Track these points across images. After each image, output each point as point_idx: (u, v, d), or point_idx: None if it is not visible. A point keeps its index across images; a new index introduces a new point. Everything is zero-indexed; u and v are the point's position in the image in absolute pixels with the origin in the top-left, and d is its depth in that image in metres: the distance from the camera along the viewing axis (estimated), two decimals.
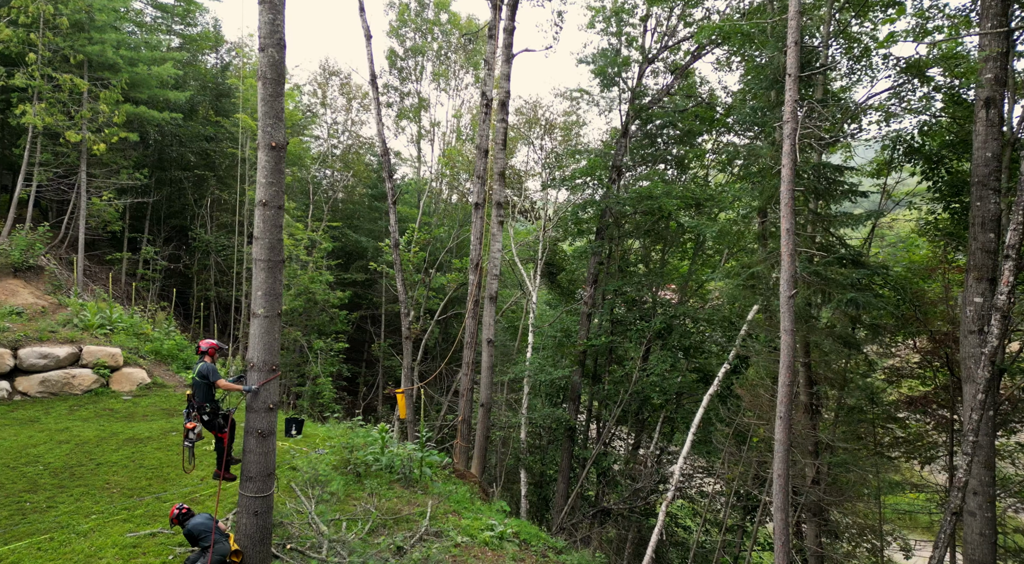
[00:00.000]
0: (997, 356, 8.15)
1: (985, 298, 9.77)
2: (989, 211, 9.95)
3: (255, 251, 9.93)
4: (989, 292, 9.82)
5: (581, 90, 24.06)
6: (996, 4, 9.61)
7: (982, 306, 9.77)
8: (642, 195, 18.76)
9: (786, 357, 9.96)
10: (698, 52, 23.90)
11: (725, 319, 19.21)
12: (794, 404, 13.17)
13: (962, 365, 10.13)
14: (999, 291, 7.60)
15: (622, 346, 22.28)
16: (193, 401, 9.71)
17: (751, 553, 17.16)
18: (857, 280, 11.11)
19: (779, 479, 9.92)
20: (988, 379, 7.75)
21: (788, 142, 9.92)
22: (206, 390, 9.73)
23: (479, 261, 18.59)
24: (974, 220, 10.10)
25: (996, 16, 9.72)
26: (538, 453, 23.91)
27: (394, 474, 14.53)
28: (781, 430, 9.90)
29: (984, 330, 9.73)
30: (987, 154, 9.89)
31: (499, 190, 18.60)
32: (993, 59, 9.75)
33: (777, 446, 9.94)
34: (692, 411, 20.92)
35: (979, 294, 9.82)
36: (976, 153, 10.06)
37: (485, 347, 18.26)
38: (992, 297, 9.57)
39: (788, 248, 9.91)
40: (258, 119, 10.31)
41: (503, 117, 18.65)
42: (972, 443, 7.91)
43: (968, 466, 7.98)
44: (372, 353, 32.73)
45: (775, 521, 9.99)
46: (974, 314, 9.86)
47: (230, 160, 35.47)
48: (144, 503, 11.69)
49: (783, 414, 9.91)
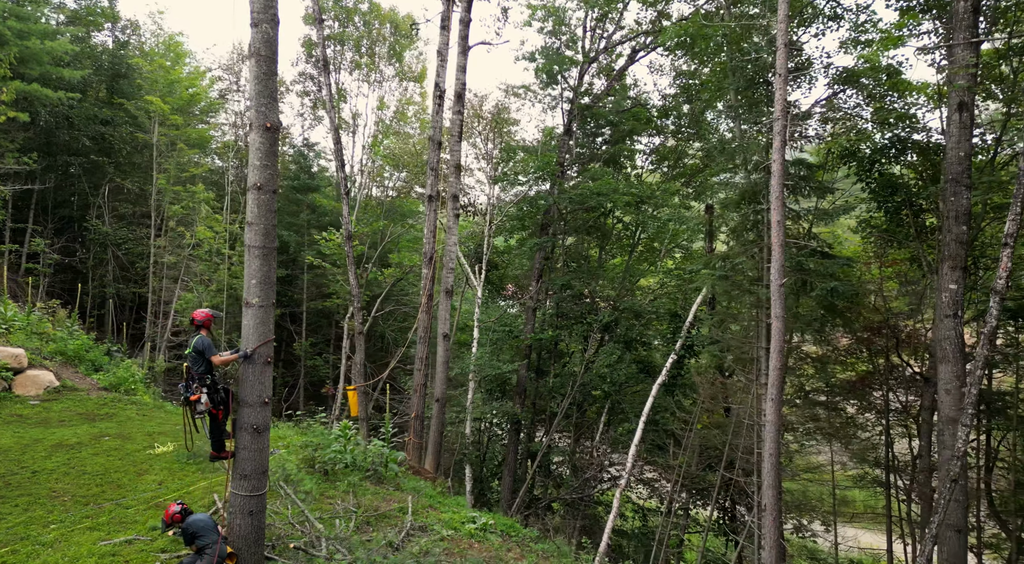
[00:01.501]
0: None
1: (959, 285, 10.83)
2: (962, 205, 11.02)
3: (249, 238, 9.42)
4: (962, 280, 10.88)
5: (524, 87, 24.26)
6: (968, 17, 10.66)
7: (956, 292, 10.82)
8: (593, 191, 19.16)
9: (777, 342, 10.54)
10: (633, 55, 24.73)
11: (670, 312, 19.98)
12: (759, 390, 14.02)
13: (937, 347, 11.16)
14: (998, 276, 8.47)
15: (567, 340, 22.66)
16: (192, 373, 9.08)
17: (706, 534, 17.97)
18: (834, 271, 11.97)
19: (771, 458, 10.48)
20: (986, 356, 8.60)
21: (778, 139, 10.50)
22: (204, 363, 9.16)
23: (433, 254, 18.31)
24: (948, 214, 11.16)
25: (968, 28, 10.80)
26: (483, 448, 23.87)
27: (362, 472, 14.20)
28: (772, 412, 10.46)
29: (958, 315, 10.79)
30: (960, 153, 10.95)
31: (455, 183, 18.41)
32: (965, 67, 10.81)
33: (768, 427, 10.50)
34: (635, 402, 21.64)
35: (953, 281, 10.87)
36: (950, 153, 11.12)
37: (441, 341, 18.04)
38: (959, 286, 10.64)
39: (778, 239, 10.50)
40: (251, 98, 9.75)
41: (459, 109, 18.48)
42: (971, 415, 8.75)
43: (966, 436, 8.81)
44: (293, 352, 31.40)
45: (767, 498, 10.54)
46: (949, 300, 10.89)
47: (131, 146, 32.85)
48: (106, 510, 10.75)
49: (774, 396, 10.48)
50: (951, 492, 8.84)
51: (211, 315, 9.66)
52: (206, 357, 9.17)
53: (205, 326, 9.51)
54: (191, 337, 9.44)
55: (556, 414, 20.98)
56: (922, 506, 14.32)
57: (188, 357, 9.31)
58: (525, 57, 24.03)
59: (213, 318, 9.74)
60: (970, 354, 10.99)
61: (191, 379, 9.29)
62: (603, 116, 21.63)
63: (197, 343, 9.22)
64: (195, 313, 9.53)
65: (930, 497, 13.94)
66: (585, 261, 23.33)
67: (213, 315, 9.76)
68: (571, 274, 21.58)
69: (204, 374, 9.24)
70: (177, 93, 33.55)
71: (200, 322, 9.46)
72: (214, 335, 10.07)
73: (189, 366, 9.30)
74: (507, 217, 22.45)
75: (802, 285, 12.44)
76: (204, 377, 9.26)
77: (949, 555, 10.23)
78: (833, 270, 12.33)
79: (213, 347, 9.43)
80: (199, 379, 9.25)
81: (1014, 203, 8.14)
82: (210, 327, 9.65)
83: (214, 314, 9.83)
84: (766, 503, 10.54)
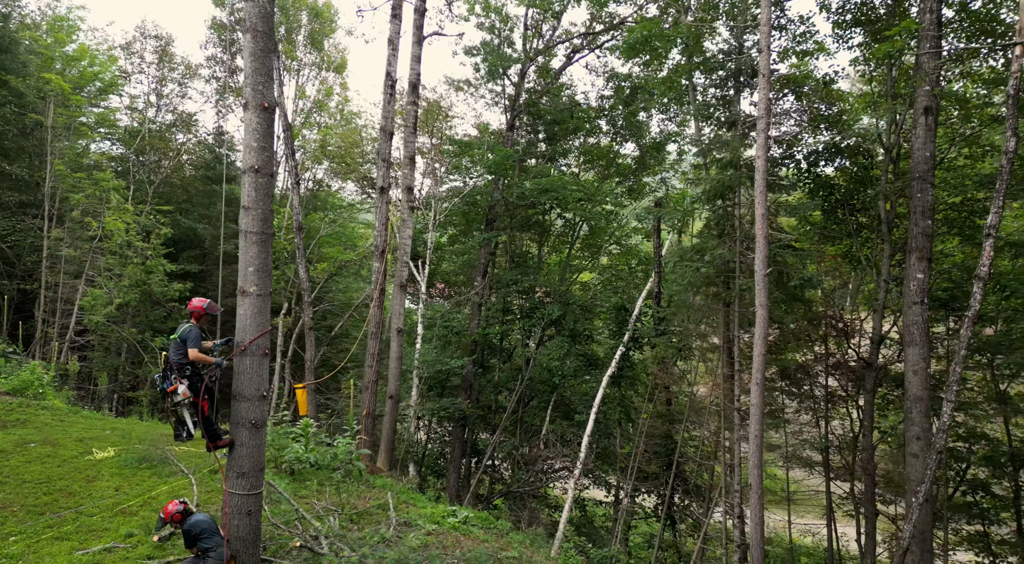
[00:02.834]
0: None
1: (925, 274, 11.85)
2: (927, 201, 12.05)
3: (245, 223, 8.94)
4: (928, 270, 11.92)
5: (467, 81, 24.14)
6: (933, 28, 11.69)
7: (923, 281, 11.83)
8: (544, 187, 19.36)
9: (760, 329, 11.14)
10: (571, 56, 25.24)
11: (616, 305, 20.52)
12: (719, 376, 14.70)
13: (905, 332, 12.15)
14: (981, 264, 9.34)
15: (513, 336, 22.74)
16: (171, 363, 8.43)
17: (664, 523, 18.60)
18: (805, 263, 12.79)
19: (756, 439, 11.06)
20: (969, 337, 9.48)
21: (762, 136, 11.11)
22: (185, 353, 8.54)
23: (384, 247, 17.84)
24: (915, 209, 12.17)
25: (932, 39, 11.84)
26: (423, 446, 23.50)
27: (330, 471, 13.73)
28: (756, 395, 11.04)
29: (924, 302, 11.81)
30: (926, 154, 11.98)
31: (409, 174, 18.04)
32: (931, 75, 11.84)
33: (753, 410, 11.07)
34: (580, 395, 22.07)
35: (920, 271, 11.88)
36: (916, 153, 12.14)
37: (395, 337, 17.61)
38: (926, 276, 11.67)
39: (762, 231, 11.10)
40: (246, 76, 9.26)
41: (414, 100, 18.14)
42: (955, 392, 9.61)
43: (951, 411, 9.66)
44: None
45: (752, 478, 11.11)
46: (916, 288, 11.89)
47: (17, 128, 29.74)
48: (68, 519, 9.85)
49: (758, 380, 11.06)
50: (936, 462, 9.70)
51: (203, 307, 8.99)
52: (187, 347, 8.57)
53: (195, 316, 8.87)
54: (179, 324, 8.78)
55: (504, 409, 21.04)
56: (865, 482, 15.57)
57: (171, 345, 8.64)
58: (466, 51, 23.97)
59: (205, 310, 9.07)
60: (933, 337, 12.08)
61: (169, 369, 8.62)
62: (548, 113, 21.90)
63: (183, 332, 8.59)
64: (191, 302, 8.92)
65: (872, 473, 15.17)
66: (525, 258, 23.53)
67: (205, 307, 9.10)
68: (517, 270, 21.70)
69: (184, 364, 8.61)
70: (75, 71, 30.76)
71: (189, 311, 8.82)
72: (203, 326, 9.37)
73: (168, 355, 8.63)
74: (452, 212, 22.23)
75: (778, 275, 13.23)
76: (183, 368, 8.62)
77: (919, 523, 11.20)
78: (805, 262, 13.21)
79: (198, 340, 8.80)
80: (178, 369, 8.60)
81: (996, 197, 9.08)
82: (200, 318, 8.98)
83: (206, 307, 9.17)
84: (751, 482, 11.10)
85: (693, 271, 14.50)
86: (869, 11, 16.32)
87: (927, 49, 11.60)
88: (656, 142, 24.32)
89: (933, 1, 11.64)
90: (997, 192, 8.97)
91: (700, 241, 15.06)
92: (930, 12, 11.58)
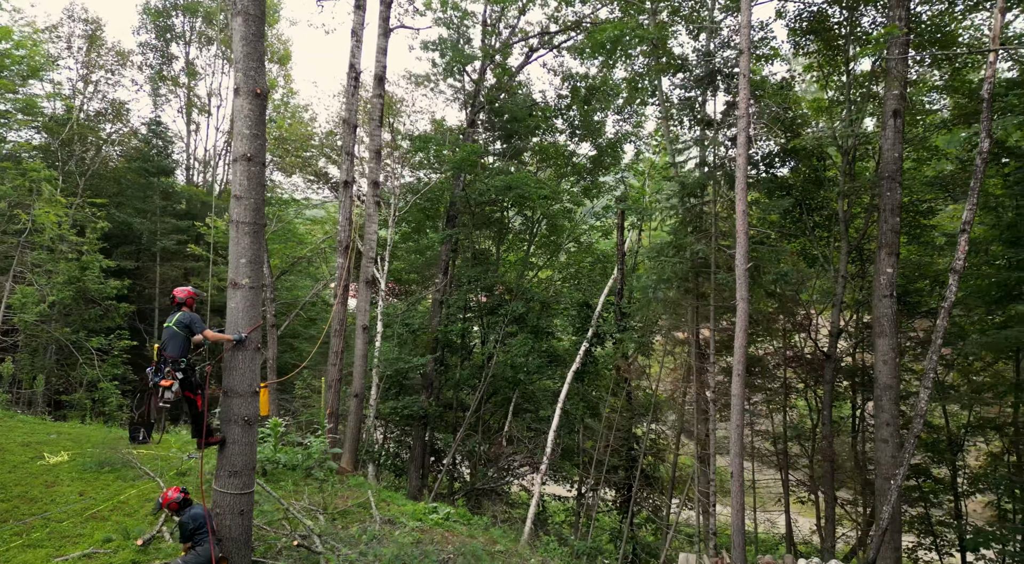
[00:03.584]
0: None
1: (894, 269, 12.45)
2: (896, 200, 12.67)
3: (237, 213, 8.66)
4: (896, 264, 12.53)
5: (426, 76, 23.84)
6: (902, 34, 12.29)
7: (891, 275, 12.43)
8: (510, 184, 19.35)
9: (741, 321, 11.50)
10: (530, 55, 25.33)
11: (579, 301, 20.72)
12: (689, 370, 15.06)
13: (875, 323, 12.73)
14: (956, 258, 9.90)
15: (474, 333, 22.59)
16: (165, 355, 8.00)
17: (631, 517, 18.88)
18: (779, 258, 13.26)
19: (737, 429, 11.41)
20: (945, 328, 10.03)
21: (743, 135, 11.45)
22: (183, 343, 8.18)
23: (349, 243, 17.48)
24: (884, 206, 12.77)
25: (901, 46, 12.47)
26: (386, 444, 23.07)
27: (302, 471, 13.36)
28: (738, 385, 11.39)
29: (893, 295, 12.41)
30: (895, 154, 12.60)
31: (376, 168, 17.70)
32: (899, 79, 12.48)
33: (734, 400, 11.42)
34: (542, 390, 22.19)
35: (890, 266, 12.47)
36: (885, 154, 12.74)
37: (360, 334, 17.25)
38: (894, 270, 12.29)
39: (743, 227, 11.45)
40: (237, 61, 8.99)
41: (380, 93, 17.78)
42: (932, 379, 10.16)
43: (927, 397, 10.20)
44: (145, 355, 28.09)
45: (733, 465, 11.45)
46: (886, 282, 12.48)
47: None
48: (35, 525, 9.26)
49: (739, 372, 11.42)
50: (913, 446, 10.24)
51: (194, 293, 8.65)
52: (194, 332, 8.21)
53: (187, 304, 8.49)
54: (172, 314, 8.34)
55: (465, 407, 20.92)
56: (824, 468, 16.29)
57: (165, 334, 8.25)
58: (423, 46, 23.68)
59: (196, 297, 8.72)
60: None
61: (163, 362, 8.21)
62: (509, 111, 21.91)
63: (182, 317, 8.27)
64: (176, 290, 8.55)
65: (832, 459, 15.89)
66: (486, 255, 23.46)
67: (196, 294, 8.74)
68: (479, 267, 21.61)
69: (179, 357, 8.22)
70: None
71: (182, 299, 8.44)
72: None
73: (161, 348, 8.21)
74: (412, 208, 21.91)
75: (754, 270, 13.66)
76: (178, 361, 8.23)
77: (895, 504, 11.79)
78: (779, 258, 13.72)
79: (202, 322, 8.43)
80: (173, 362, 8.21)
81: (971, 195, 9.67)
82: (192, 305, 8.61)
83: (197, 293, 8.81)
84: (733, 471, 11.45)
85: (671, 266, 14.84)
86: (823, 20, 17.10)
87: (896, 55, 12.26)
88: (612, 141, 24.71)
89: (901, 10, 12.32)
90: (972, 190, 9.59)
91: (676, 238, 15.42)
92: (899, 20, 12.24)
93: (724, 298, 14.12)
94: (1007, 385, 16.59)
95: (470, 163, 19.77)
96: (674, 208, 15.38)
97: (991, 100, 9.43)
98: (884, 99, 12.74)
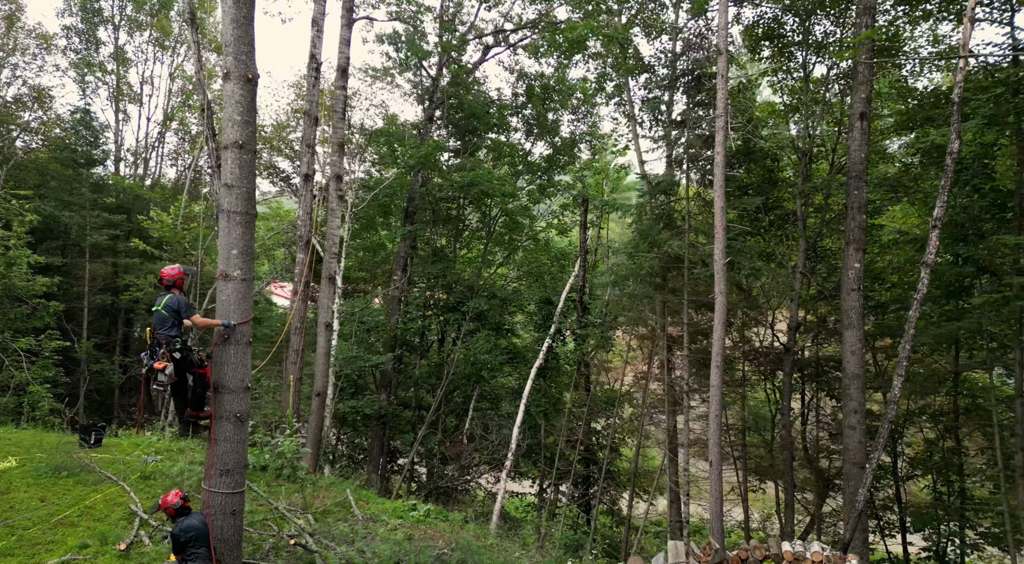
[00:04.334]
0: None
1: (861, 263, 13.06)
2: (862, 198, 13.28)
3: (228, 203, 8.32)
4: (863, 259, 13.14)
5: (384, 69, 23.41)
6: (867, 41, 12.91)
7: (859, 270, 13.02)
8: (473, 180, 19.24)
9: (720, 315, 11.84)
10: (486, 52, 25.28)
11: (542, 298, 20.80)
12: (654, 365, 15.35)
13: (844, 316, 13.30)
14: (928, 252, 10.46)
15: (433, 331, 22.34)
16: (159, 337, 7.57)
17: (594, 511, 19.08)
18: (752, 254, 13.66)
19: (715, 419, 11.74)
20: (916, 318, 10.59)
21: (721, 133, 11.81)
22: (176, 325, 7.82)
23: (309, 238, 17.00)
24: (852, 204, 13.36)
25: (868, 51, 13.09)
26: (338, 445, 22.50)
27: (273, 472, 12.91)
28: (716, 376, 11.73)
29: (860, 289, 13.01)
30: (861, 155, 13.21)
31: (339, 162, 17.30)
32: (865, 84, 13.10)
33: (713, 391, 11.75)
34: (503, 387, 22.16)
35: (857, 261, 13.06)
36: (853, 154, 13.34)
37: (322, 331, 16.83)
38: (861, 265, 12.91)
39: (721, 223, 11.81)
40: (227, 44, 8.62)
41: (343, 85, 17.37)
42: (905, 368, 10.70)
43: (900, 385, 10.74)
44: (74, 356, 26.43)
45: (712, 454, 11.78)
46: (854, 276, 13.06)
47: None
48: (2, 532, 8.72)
49: (718, 363, 11.76)
50: (886, 431, 10.78)
51: (183, 272, 8.21)
52: (182, 318, 7.81)
53: (177, 285, 8.07)
54: (159, 297, 7.92)
55: (425, 406, 20.70)
56: (784, 457, 16.95)
57: (155, 318, 7.88)
58: (378, 39, 23.27)
59: (185, 276, 8.28)
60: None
61: (157, 344, 7.79)
62: (470, 107, 21.81)
63: (170, 302, 7.85)
64: (163, 271, 8.10)
65: (791, 447, 16.56)
66: (443, 252, 23.27)
67: (185, 272, 8.30)
68: (440, 264, 21.40)
69: (173, 338, 7.83)
70: None
71: (171, 281, 8.01)
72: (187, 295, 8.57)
73: (154, 330, 7.84)
74: (370, 204, 21.43)
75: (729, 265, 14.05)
76: (172, 341, 7.85)
77: (854, 487, 12.37)
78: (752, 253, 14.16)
79: (191, 307, 8.02)
80: (167, 343, 7.81)
81: (942, 193, 10.28)
82: (182, 286, 8.20)
83: (187, 271, 8.37)
84: (712, 459, 11.76)
85: (649, 262, 15.12)
86: (778, 27, 17.81)
87: (863, 60, 12.91)
88: (567, 141, 24.96)
89: (867, 17, 13.00)
90: (943, 188, 10.21)
91: (650, 234, 15.70)
92: (865, 27, 12.91)
93: (699, 293, 14.52)
94: (942, 375, 17.73)
95: (433, 159, 19.57)
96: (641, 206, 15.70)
97: (961, 104, 10.10)
98: (852, 102, 13.43)
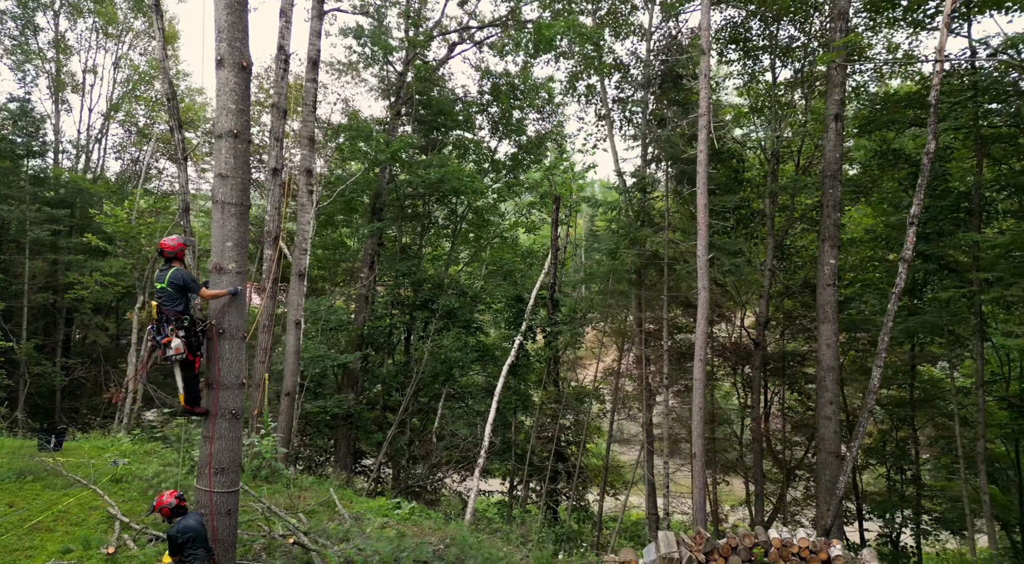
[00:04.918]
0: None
1: (836, 259, 13.49)
2: (837, 196, 13.72)
3: (222, 194, 8.11)
4: (837, 256, 13.58)
5: (351, 63, 22.99)
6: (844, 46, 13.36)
7: (834, 266, 13.45)
8: (443, 177, 19.06)
9: (703, 309, 12.08)
10: (452, 49, 25.14)
11: (513, 296, 20.76)
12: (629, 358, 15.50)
13: (819, 310, 13.70)
14: (905, 248, 10.90)
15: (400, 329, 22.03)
16: (166, 313, 7.30)
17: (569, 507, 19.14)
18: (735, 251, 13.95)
19: (699, 411, 11.97)
20: (895, 311, 11.00)
21: (703, 132, 12.05)
22: (183, 299, 7.51)
23: (278, 233, 16.58)
24: (826, 203, 13.78)
25: (840, 56, 13.53)
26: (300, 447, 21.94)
27: (251, 473, 12.55)
28: (699, 370, 11.96)
29: (835, 284, 13.46)
30: (836, 155, 13.65)
31: (309, 156, 16.90)
32: (839, 86, 13.55)
33: (696, 384, 11.97)
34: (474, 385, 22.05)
35: (832, 258, 13.49)
36: (828, 154, 13.76)
37: (292, 329, 16.41)
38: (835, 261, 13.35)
39: (704, 220, 12.05)
40: (220, 31, 8.44)
41: (314, 77, 17.01)
42: (882, 358, 11.09)
43: (879, 376, 11.14)
44: (13, 358, 25.03)
45: (695, 446, 12.01)
46: (829, 272, 13.48)
47: None
48: None
49: (701, 357, 11.99)
50: (866, 420, 11.19)
51: (183, 243, 7.85)
52: (189, 292, 7.49)
53: (178, 258, 7.73)
54: (161, 271, 7.59)
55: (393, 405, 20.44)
56: (754, 448, 17.41)
57: (161, 294, 7.50)
58: (341, 32, 22.86)
59: (185, 247, 7.93)
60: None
61: (164, 320, 7.46)
62: (437, 104, 21.64)
63: (174, 276, 7.48)
64: (163, 242, 7.70)
65: (761, 439, 17.01)
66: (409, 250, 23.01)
67: (185, 243, 7.94)
68: (409, 261, 21.14)
69: (182, 314, 7.51)
70: None
71: (172, 253, 7.66)
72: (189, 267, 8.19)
73: (161, 305, 7.49)
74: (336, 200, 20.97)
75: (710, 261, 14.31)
76: (181, 317, 7.52)
77: (831, 476, 12.82)
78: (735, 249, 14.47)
79: (196, 280, 7.69)
80: (176, 319, 7.48)
81: (919, 191, 10.73)
82: (183, 258, 7.85)
83: (186, 242, 8.01)
84: (695, 451, 11.98)
85: (630, 258, 15.29)
86: (745, 31, 18.30)
87: (836, 63, 13.39)
88: (532, 140, 25.05)
89: (842, 22, 13.48)
90: (919, 187, 10.68)
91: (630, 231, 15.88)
92: (840, 32, 13.39)
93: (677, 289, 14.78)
94: (898, 368, 18.56)
95: (401, 155, 19.35)
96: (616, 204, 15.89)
97: (937, 106, 10.60)
98: (826, 104, 13.91)
